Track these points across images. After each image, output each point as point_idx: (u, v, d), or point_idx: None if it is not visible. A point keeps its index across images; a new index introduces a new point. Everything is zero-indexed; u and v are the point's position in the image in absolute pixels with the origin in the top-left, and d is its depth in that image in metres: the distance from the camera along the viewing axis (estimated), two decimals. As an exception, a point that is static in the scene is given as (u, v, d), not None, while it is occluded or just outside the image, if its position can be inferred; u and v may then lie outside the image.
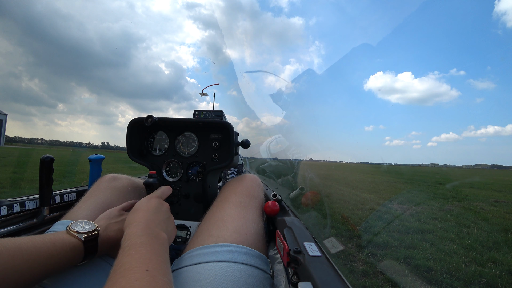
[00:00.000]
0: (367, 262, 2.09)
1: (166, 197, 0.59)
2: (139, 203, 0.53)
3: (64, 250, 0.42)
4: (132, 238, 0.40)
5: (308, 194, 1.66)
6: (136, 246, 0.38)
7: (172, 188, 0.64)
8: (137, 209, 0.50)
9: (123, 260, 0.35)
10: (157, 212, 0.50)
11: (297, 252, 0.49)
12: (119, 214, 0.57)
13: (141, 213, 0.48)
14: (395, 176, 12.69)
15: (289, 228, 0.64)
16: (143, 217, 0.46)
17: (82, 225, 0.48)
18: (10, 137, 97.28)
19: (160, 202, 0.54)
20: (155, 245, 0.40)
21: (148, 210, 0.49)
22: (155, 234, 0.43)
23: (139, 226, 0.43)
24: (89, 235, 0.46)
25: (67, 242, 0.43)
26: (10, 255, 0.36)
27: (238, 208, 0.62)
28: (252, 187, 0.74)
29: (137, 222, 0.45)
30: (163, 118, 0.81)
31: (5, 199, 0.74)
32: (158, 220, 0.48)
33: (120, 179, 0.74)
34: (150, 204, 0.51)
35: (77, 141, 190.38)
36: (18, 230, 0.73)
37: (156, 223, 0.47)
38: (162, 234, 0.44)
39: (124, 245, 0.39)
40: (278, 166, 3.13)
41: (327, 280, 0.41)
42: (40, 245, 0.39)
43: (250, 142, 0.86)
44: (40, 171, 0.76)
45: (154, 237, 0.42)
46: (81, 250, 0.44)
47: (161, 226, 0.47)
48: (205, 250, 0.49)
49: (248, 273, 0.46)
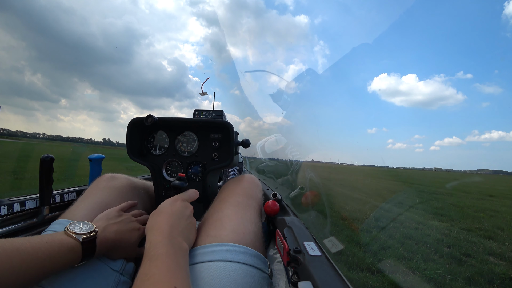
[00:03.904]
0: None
1: (192, 201, 0.59)
2: (163, 204, 0.52)
3: (61, 251, 0.42)
4: (158, 247, 0.40)
5: (308, 194, 1.66)
6: (162, 256, 0.39)
7: (199, 192, 0.62)
8: (161, 211, 0.50)
9: (151, 271, 0.36)
10: (180, 217, 0.50)
11: (297, 252, 0.50)
12: (118, 215, 0.57)
13: (164, 217, 0.48)
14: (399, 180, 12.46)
15: (289, 228, 0.64)
16: (166, 223, 0.46)
17: (80, 226, 0.47)
18: (11, 131, 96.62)
19: (185, 205, 0.54)
20: (179, 257, 0.41)
21: (172, 214, 0.49)
22: (178, 243, 0.43)
23: (163, 234, 0.44)
24: (87, 236, 0.46)
25: (65, 243, 0.43)
26: (8, 256, 0.36)
27: (236, 208, 0.62)
28: (250, 188, 0.74)
29: (160, 228, 0.45)
30: (163, 118, 0.81)
31: (5, 198, 0.74)
32: (181, 227, 0.48)
33: (118, 179, 0.73)
34: (174, 207, 0.51)
35: (79, 137, 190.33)
36: (18, 230, 0.73)
37: (179, 230, 0.47)
38: (184, 245, 0.45)
39: (150, 253, 0.39)
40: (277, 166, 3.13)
41: (327, 280, 0.41)
42: (37, 246, 0.39)
43: (250, 142, 0.86)
44: (40, 171, 0.76)
45: (178, 248, 0.42)
46: (79, 251, 0.44)
47: (183, 234, 0.47)
48: (202, 250, 0.49)
49: (246, 272, 0.46)
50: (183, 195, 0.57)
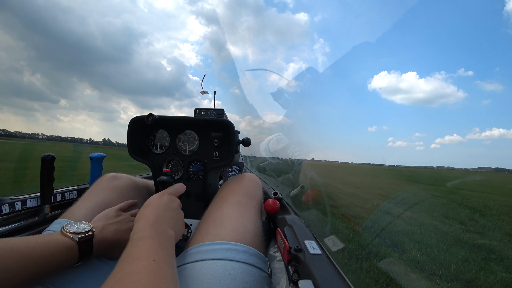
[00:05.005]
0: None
1: (179, 194, 0.59)
2: (151, 198, 0.53)
3: (58, 251, 0.42)
4: (141, 232, 0.41)
5: (309, 193, 1.66)
6: (144, 238, 0.39)
7: (186, 186, 0.63)
8: (148, 204, 0.51)
9: (131, 250, 0.36)
10: (167, 209, 0.50)
11: (298, 250, 0.50)
12: (116, 215, 0.57)
13: (151, 209, 0.48)
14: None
15: (290, 226, 0.64)
16: (152, 213, 0.47)
17: (77, 226, 0.47)
18: (10, 132, 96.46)
19: (171, 198, 0.54)
20: (162, 239, 0.41)
21: (158, 206, 0.49)
22: (162, 230, 0.44)
23: (148, 221, 0.44)
24: (84, 236, 0.46)
25: (61, 243, 0.43)
26: (2, 256, 0.36)
27: (236, 207, 0.62)
28: (251, 187, 0.74)
29: (146, 217, 0.45)
30: (164, 117, 0.81)
31: (7, 197, 0.74)
32: (167, 217, 0.48)
33: (120, 178, 0.73)
34: (161, 201, 0.52)
35: (78, 137, 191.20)
36: (20, 228, 0.73)
37: (164, 219, 0.47)
38: (169, 231, 0.45)
39: (133, 237, 0.40)
40: (278, 165, 3.12)
41: (327, 278, 0.41)
42: (33, 246, 0.39)
43: (250, 141, 0.86)
44: (41, 169, 0.76)
45: (162, 233, 0.43)
46: (76, 251, 0.44)
47: (170, 223, 0.48)
48: (202, 248, 0.49)
49: (245, 271, 0.46)
50: (169, 189, 0.58)
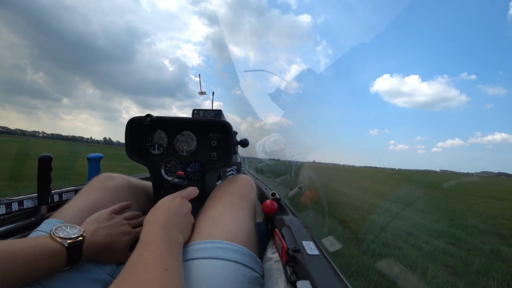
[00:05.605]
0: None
1: (191, 198, 0.59)
2: (162, 200, 0.53)
3: (45, 256, 0.41)
4: (152, 235, 0.41)
5: (306, 193, 1.67)
6: (156, 243, 0.39)
7: (198, 190, 0.63)
8: (159, 207, 0.50)
9: (143, 255, 0.36)
10: (178, 213, 0.50)
11: (296, 251, 0.50)
12: (109, 218, 0.56)
13: (162, 212, 0.48)
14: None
15: (288, 227, 0.64)
16: (163, 216, 0.47)
17: (67, 230, 0.46)
18: (11, 129, 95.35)
19: (183, 202, 0.54)
20: (172, 246, 0.41)
21: (169, 210, 0.49)
22: (173, 235, 0.44)
23: (158, 225, 0.44)
24: (73, 241, 0.45)
25: (49, 247, 0.42)
26: None
27: (229, 208, 0.61)
28: (244, 188, 0.73)
29: (157, 220, 0.46)
30: (162, 117, 0.81)
31: (3, 197, 0.74)
32: (177, 222, 0.48)
33: (114, 179, 0.72)
34: (173, 204, 0.52)
35: (79, 135, 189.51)
36: (16, 229, 0.73)
37: (175, 224, 0.47)
38: (179, 237, 0.45)
39: (144, 240, 0.40)
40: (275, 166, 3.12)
41: (325, 279, 0.41)
42: (17, 251, 0.38)
43: (248, 141, 0.86)
44: (38, 170, 0.76)
45: (172, 239, 0.43)
46: (64, 256, 0.43)
47: (179, 228, 0.48)
48: (194, 246, 0.48)
49: (237, 271, 0.45)
50: (182, 192, 0.58)
